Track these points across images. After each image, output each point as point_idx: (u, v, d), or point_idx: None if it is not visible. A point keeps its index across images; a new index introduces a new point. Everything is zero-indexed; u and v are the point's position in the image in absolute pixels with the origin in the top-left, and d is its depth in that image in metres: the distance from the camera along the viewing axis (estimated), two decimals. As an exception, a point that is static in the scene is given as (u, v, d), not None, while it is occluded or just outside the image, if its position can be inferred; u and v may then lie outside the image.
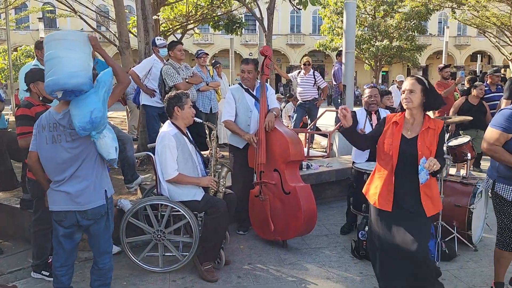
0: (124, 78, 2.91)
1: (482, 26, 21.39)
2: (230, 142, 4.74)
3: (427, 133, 2.88)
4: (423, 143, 2.85)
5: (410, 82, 2.90)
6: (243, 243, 4.48)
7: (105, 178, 2.92)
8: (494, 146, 3.11)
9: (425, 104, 2.89)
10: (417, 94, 2.86)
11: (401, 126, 2.94)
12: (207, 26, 19.94)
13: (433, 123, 2.90)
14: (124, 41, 8.69)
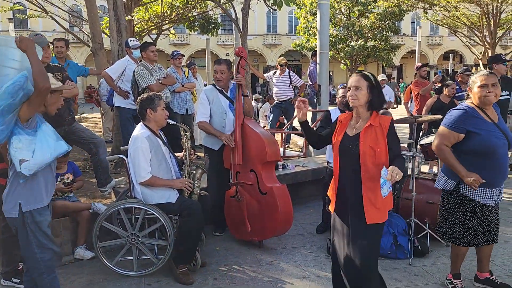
0: (39, 82, 2.55)
1: (453, 26, 21.93)
2: (204, 144, 4.72)
3: (370, 131, 2.69)
4: (365, 142, 2.67)
5: (356, 78, 2.73)
6: (220, 245, 4.47)
7: (21, 190, 2.71)
8: (444, 146, 3.19)
9: (370, 101, 2.72)
10: (363, 91, 2.69)
11: (346, 125, 2.82)
12: (182, 27, 19.79)
13: (378, 121, 2.71)
14: (97, 42, 8.57)
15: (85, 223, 4.11)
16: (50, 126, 2.87)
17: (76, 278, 3.75)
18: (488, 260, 3.56)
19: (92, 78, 28.73)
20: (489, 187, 3.18)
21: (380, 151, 2.66)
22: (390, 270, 3.88)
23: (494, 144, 3.10)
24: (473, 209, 3.25)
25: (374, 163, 2.66)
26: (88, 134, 4.58)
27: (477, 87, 3.17)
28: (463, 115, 3.16)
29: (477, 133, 3.11)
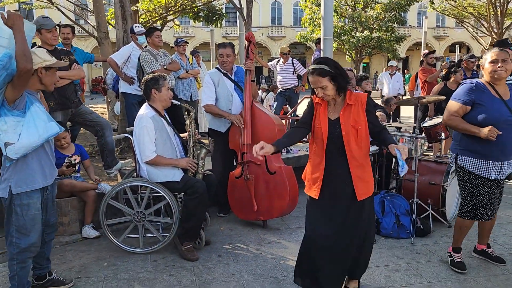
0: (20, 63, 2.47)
1: (460, 16, 21.72)
2: (211, 126, 4.76)
3: (349, 110, 2.73)
4: (347, 122, 2.71)
5: (315, 79, 2.68)
6: (224, 225, 4.54)
7: (12, 171, 2.71)
8: (453, 116, 3.28)
9: (338, 87, 2.72)
10: (329, 86, 2.67)
11: (325, 108, 2.79)
12: (187, 19, 19.79)
13: (354, 99, 2.75)
14: (102, 31, 8.65)
15: (92, 202, 4.19)
16: (42, 107, 2.77)
17: (84, 255, 3.83)
18: (487, 234, 3.65)
19: (99, 71, 28.87)
20: (485, 159, 3.24)
21: (362, 128, 2.72)
22: (392, 249, 3.93)
23: (495, 118, 3.14)
24: (472, 181, 3.34)
25: (357, 142, 2.72)
26: (95, 116, 4.65)
27: (488, 63, 3.23)
28: (470, 87, 3.24)
29: (480, 104, 3.18)
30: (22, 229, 2.77)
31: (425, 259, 3.72)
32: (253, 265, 3.61)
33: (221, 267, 3.58)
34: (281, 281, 3.33)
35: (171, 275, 3.44)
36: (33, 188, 2.77)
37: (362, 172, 2.77)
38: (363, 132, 2.73)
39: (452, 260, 3.55)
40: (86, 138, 7.48)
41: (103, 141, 4.67)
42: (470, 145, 3.28)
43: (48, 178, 2.87)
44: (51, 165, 2.91)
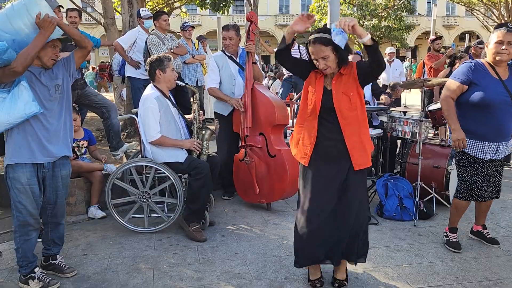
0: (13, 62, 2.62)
1: (469, 4, 21.45)
2: (215, 109, 4.80)
3: (340, 78, 2.67)
4: (337, 90, 2.65)
5: (317, 48, 2.55)
6: (228, 207, 4.59)
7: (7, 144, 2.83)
8: (449, 98, 3.29)
9: (340, 59, 2.62)
10: (331, 56, 2.57)
11: (322, 76, 2.71)
12: (194, 7, 19.72)
13: (345, 69, 2.67)
14: (109, 17, 8.68)
15: (98, 183, 4.25)
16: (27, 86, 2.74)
17: (90, 234, 3.90)
18: (484, 215, 3.70)
19: (105, 59, 28.91)
20: (480, 139, 3.26)
21: (354, 94, 2.66)
22: (394, 230, 3.96)
23: (490, 98, 3.14)
24: (467, 162, 3.36)
25: (350, 109, 2.65)
26: (100, 98, 4.70)
27: (493, 43, 3.20)
28: (469, 67, 3.24)
29: (476, 84, 3.18)
30: (16, 202, 2.83)
31: (427, 241, 3.74)
32: (256, 245, 3.66)
33: (225, 246, 3.63)
34: (283, 260, 3.37)
35: (175, 253, 3.50)
36: (16, 162, 2.80)
37: (358, 140, 2.69)
38: (356, 98, 2.66)
39: (448, 239, 3.60)
40: (93, 123, 7.54)
41: (109, 123, 4.72)
42: (466, 126, 3.26)
43: (38, 156, 2.83)
44: (46, 143, 2.85)
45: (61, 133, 2.94)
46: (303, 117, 2.80)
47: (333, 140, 2.71)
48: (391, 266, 3.27)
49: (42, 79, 2.82)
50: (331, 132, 2.70)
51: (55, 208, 3.04)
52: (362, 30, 2.47)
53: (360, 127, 2.71)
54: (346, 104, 2.66)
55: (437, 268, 3.24)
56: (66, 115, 2.99)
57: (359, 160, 2.71)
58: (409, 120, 4.40)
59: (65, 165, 3.05)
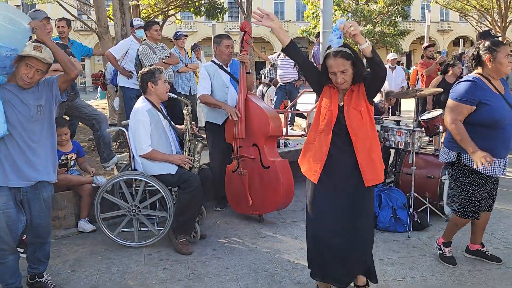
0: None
1: (463, 9, 21.58)
2: (208, 119, 4.73)
3: (351, 94, 2.67)
4: (349, 105, 2.65)
5: (340, 61, 2.55)
6: (220, 219, 4.53)
7: None
8: (458, 121, 3.10)
9: (355, 75, 2.63)
10: (349, 71, 2.59)
11: (337, 93, 2.72)
12: (190, 14, 19.73)
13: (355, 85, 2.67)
14: (102, 26, 8.64)
15: (88, 196, 4.18)
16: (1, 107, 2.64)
17: (79, 249, 3.83)
18: (482, 232, 3.57)
19: (100, 66, 28.85)
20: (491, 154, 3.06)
21: (364, 110, 2.65)
22: (388, 242, 3.91)
23: (501, 116, 3.06)
24: (475, 179, 3.22)
25: (361, 125, 2.64)
26: (91, 110, 4.64)
27: (504, 57, 3.08)
28: (473, 86, 3.10)
29: (486, 103, 3.06)
30: None
31: (421, 253, 3.69)
32: (248, 259, 3.60)
33: (216, 261, 3.57)
34: (275, 275, 3.32)
35: (165, 269, 3.43)
36: None
37: (369, 156, 2.68)
38: (366, 114, 2.65)
39: (442, 254, 3.52)
40: (85, 133, 7.47)
41: (100, 134, 4.66)
42: (477, 143, 3.05)
43: (13, 179, 2.72)
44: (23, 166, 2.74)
45: (41, 157, 2.81)
46: (315, 133, 2.77)
47: (344, 157, 2.69)
48: (384, 281, 3.22)
49: (23, 96, 2.73)
50: (343, 149, 2.68)
51: (39, 229, 2.94)
52: (361, 37, 2.45)
53: (371, 144, 2.69)
54: (357, 120, 2.64)
55: (431, 283, 3.19)
56: (48, 137, 2.88)
57: (370, 176, 2.69)
58: (402, 130, 4.37)
59: (46, 187, 2.91)
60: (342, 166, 2.71)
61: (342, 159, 2.70)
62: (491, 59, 3.09)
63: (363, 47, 2.46)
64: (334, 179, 2.73)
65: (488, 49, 3.09)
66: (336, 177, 2.72)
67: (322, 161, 2.71)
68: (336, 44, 2.49)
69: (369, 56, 2.50)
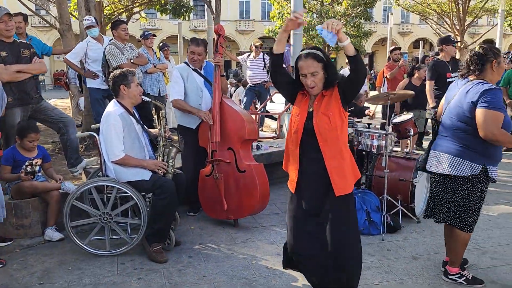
0: None
1: (423, 13, 22.24)
2: (180, 123, 4.63)
3: (321, 99, 2.64)
4: (318, 111, 2.61)
5: (309, 63, 2.54)
6: (194, 224, 4.44)
7: None
8: (503, 130, 2.90)
9: (326, 80, 2.61)
10: (319, 74, 2.57)
11: (308, 99, 2.70)
12: (153, 11, 19.39)
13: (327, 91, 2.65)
14: (65, 23, 8.29)
15: (55, 203, 3.99)
16: None
17: (47, 259, 3.65)
18: None
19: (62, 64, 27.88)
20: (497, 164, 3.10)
21: (333, 114, 2.59)
22: (363, 246, 3.82)
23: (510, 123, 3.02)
24: (486, 190, 3.13)
25: (329, 129, 2.58)
26: (57, 113, 4.44)
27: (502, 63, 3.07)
28: (500, 93, 2.98)
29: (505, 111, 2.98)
30: None
31: (395, 256, 3.74)
32: (225, 266, 3.54)
33: (192, 269, 3.49)
34: (253, 282, 3.27)
35: (140, 279, 3.32)
36: None
37: (338, 164, 2.61)
38: (336, 118, 2.58)
39: (467, 278, 3.23)
40: (49, 135, 7.18)
41: (67, 138, 4.47)
42: (495, 154, 3.01)
43: None
44: None
45: None
46: (289, 140, 2.76)
47: (315, 164, 2.63)
48: (361, 285, 3.22)
49: None
50: (313, 156, 2.63)
51: None
52: (343, 34, 2.44)
53: (341, 150, 2.62)
54: (325, 124, 2.58)
55: (407, 286, 3.24)
56: None
57: (340, 184, 2.61)
58: (375, 133, 4.42)
59: None
60: (312, 175, 2.66)
61: (313, 167, 2.65)
62: (497, 63, 3.03)
63: (345, 44, 2.45)
64: (307, 189, 2.70)
65: (494, 54, 3.03)
66: (308, 187, 2.69)
67: (297, 170, 2.70)
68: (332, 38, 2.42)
69: (352, 54, 2.47)
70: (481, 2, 20.36)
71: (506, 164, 6.93)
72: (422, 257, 3.72)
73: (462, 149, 3.05)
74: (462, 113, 3.02)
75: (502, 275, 3.40)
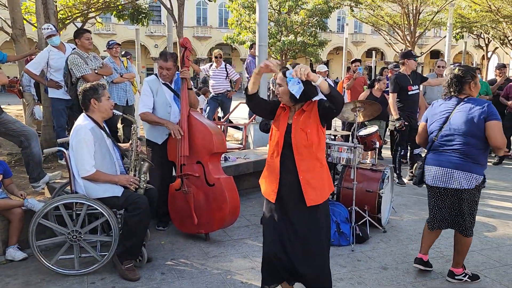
0: None
1: (377, 24, 23.06)
2: (147, 137, 4.55)
3: (301, 115, 2.76)
4: (296, 126, 2.74)
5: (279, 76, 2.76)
6: (164, 239, 4.37)
7: None
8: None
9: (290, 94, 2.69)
10: (283, 87, 2.72)
11: (287, 113, 2.83)
12: (109, 15, 18.98)
13: (308, 106, 2.77)
14: (18, 28, 7.95)
15: (18, 221, 3.80)
16: None
17: (11, 280, 3.47)
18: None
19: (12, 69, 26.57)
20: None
21: (311, 131, 2.71)
22: (334, 257, 4.01)
23: None
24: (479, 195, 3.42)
25: (306, 145, 2.72)
26: (19, 125, 4.24)
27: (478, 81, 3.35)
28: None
29: None
30: None
31: (365, 266, 3.84)
32: (199, 282, 3.50)
33: (166, 286, 3.43)
34: (230, 298, 3.26)
35: (112, 298, 3.23)
36: None
37: (312, 176, 2.75)
38: (313, 135, 2.72)
39: (470, 276, 3.55)
40: (3, 145, 6.83)
41: (29, 152, 4.28)
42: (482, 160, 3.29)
43: None
44: None
45: None
46: (269, 153, 2.89)
47: (292, 176, 2.76)
48: (337, 297, 3.30)
49: None
50: (290, 168, 2.77)
51: None
52: (314, 75, 2.56)
53: (314, 166, 2.76)
54: (302, 140, 2.72)
55: (380, 297, 3.33)
56: None
57: (312, 195, 2.75)
58: (343, 146, 4.53)
59: None
60: (289, 186, 2.78)
61: (291, 179, 2.78)
62: (474, 84, 3.32)
63: (318, 83, 2.57)
64: (285, 199, 2.81)
65: (471, 76, 3.31)
66: (286, 197, 2.81)
67: (277, 181, 2.81)
68: (298, 90, 2.59)
69: (326, 92, 2.58)
70: (430, 15, 21.35)
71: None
72: (391, 266, 3.84)
73: (470, 164, 3.26)
74: (475, 129, 3.21)
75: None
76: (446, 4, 18.37)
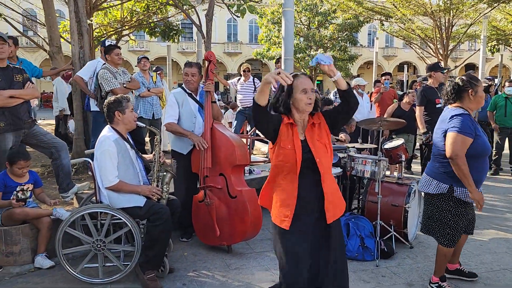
0: None
1: (408, 38, 22.76)
2: (173, 148, 4.64)
3: (313, 128, 2.65)
4: (313, 141, 2.60)
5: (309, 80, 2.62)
6: (187, 250, 4.39)
7: None
8: (463, 156, 3.11)
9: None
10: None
11: (296, 128, 2.62)
12: (142, 33, 19.51)
13: (316, 117, 2.68)
14: (55, 45, 8.33)
15: (46, 230, 3.93)
16: None
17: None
18: (460, 252, 3.74)
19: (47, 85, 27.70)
20: (477, 186, 3.23)
21: (328, 142, 2.67)
22: (357, 272, 3.94)
23: (488, 146, 3.25)
24: (463, 209, 3.34)
25: (326, 157, 2.62)
26: (50, 137, 4.41)
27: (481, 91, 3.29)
28: (469, 119, 3.20)
29: (479, 135, 3.19)
30: None
31: (390, 282, 3.74)
32: (220, 294, 3.50)
33: (187, 297, 3.45)
34: (250, 311, 3.24)
35: (134, 308, 3.27)
36: None
37: (332, 191, 2.64)
38: (329, 147, 2.65)
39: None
40: (37, 158, 7.08)
41: (59, 163, 4.42)
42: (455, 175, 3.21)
43: None
44: None
45: None
46: (280, 176, 2.63)
47: (313, 194, 2.59)
48: (359, 313, 3.23)
49: None
50: (311, 186, 2.58)
51: None
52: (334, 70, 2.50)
53: (332, 178, 2.70)
54: (323, 152, 2.60)
55: (404, 313, 3.24)
56: None
57: (331, 212, 2.61)
58: (368, 159, 4.47)
59: None
60: (308, 205, 2.60)
61: (311, 198, 2.59)
62: (473, 93, 3.25)
63: (336, 78, 2.51)
64: (303, 221, 2.59)
65: (470, 84, 3.26)
66: (305, 218, 2.60)
67: (293, 205, 2.56)
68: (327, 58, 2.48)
69: (344, 88, 2.53)
70: (463, 28, 20.93)
71: (494, 187, 7.06)
72: (416, 283, 3.73)
73: (434, 170, 3.41)
74: (438, 137, 3.35)
75: (497, 301, 3.43)
76: (479, 16, 17.96)
